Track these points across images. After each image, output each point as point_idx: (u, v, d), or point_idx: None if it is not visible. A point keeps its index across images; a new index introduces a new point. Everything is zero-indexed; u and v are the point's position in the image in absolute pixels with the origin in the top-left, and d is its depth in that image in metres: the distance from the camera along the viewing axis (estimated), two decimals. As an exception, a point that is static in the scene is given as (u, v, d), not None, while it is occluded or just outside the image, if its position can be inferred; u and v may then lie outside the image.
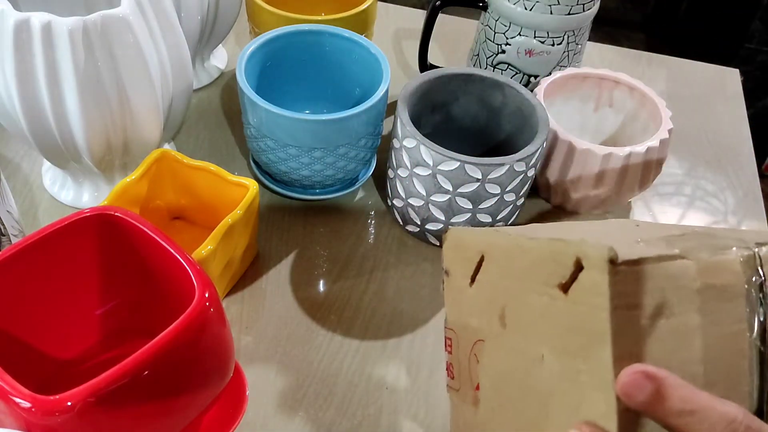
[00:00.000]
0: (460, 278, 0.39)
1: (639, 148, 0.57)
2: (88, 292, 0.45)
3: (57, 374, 0.45)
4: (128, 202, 0.52)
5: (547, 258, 0.31)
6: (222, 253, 0.50)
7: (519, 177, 0.54)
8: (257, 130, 0.57)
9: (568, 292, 0.30)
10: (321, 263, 0.58)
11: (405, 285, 0.57)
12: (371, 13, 0.67)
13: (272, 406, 0.49)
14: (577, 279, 0.29)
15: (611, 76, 0.64)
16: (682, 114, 0.76)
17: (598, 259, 0.28)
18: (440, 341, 0.54)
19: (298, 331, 0.54)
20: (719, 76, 0.84)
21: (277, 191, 0.62)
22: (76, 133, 0.51)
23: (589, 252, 0.28)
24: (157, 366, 0.35)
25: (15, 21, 0.46)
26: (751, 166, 0.72)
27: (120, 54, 0.49)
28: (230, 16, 0.68)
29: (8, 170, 0.63)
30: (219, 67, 0.75)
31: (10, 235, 0.48)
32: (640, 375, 0.27)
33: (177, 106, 0.57)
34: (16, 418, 0.34)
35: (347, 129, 0.56)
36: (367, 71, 0.61)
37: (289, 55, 0.62)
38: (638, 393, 0.27)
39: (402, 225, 0.61)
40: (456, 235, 0.40)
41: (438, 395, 0.51)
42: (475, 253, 0.37)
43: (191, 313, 0.36)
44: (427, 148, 0.53)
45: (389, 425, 0.49)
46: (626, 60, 0.85)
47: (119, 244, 0.43)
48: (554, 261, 0.30)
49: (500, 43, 0.67)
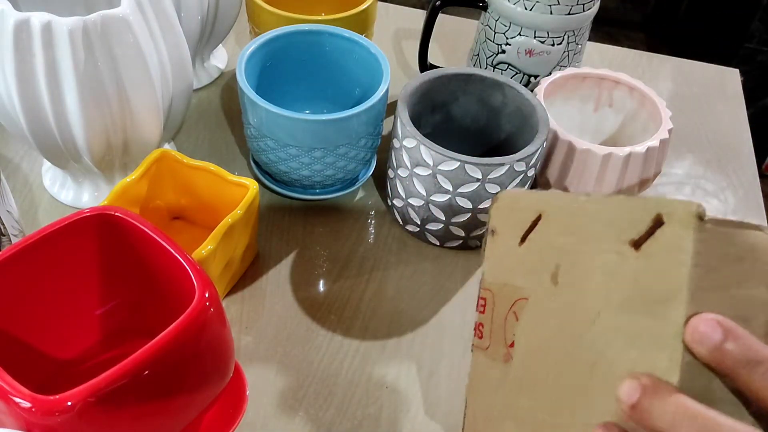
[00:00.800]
0: (508, 237, 0.39)
1: (639, 148, 0.57)
2: (88, 292, 0.45)
3: (57, 374, 0.45)
4: (128, 202, 0.52)
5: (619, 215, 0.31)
6: (222, 253, 0.50)
7: (519, 177, 0.54)
8: (257, 130, 0.57)
9: (641, 248, 0.30)
10: (321, 263, 0.58)
11: (405, 285, 0.57)
12: (371, 13, 0.67)
13: (272, 406, 0.49)
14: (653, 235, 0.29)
15: (611, 76, 0.64)
16: (682, 114, 0.76)
17: (684, 214, 0.28)
18: (441, 340, 0.54)
19: (298, 331, 0.54)
20: (719, 76, 0.84)
21: (277, 191, 0.62)
22: (76, 133, 0.51)
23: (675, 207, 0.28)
24: (157, 366, 0.35)
25: (15, 21, 0.46)
26: (751, 166, 0.72)
27: (120, 54, 0.49)
28: (230, 16, 0.68)
29: (8, 170, 0.63)
30: (219, 67, 0.75)
31: (10, 235, 0.48)
32: (713, 321, 0.27)
33: (177, 106, 0.57)
34: (16, 418, 0.34)
35: (347, 129, 0.56)
36: (367, 71, 0.61)
37: (289, 55, 0.62)
38: (708, 339, 0.27)
39: (402, 225, 0.61)
40: (510, 196, 0.40)
41: (439, 394, 0.51)
42: (531, 212, 0.37)
43: (191, 313, 0.36)
44: (427, 148, 0.53)
45: (389, 425, 0.49)
46: (626, 60, 0.85)
47: (119, 244, 0.43)
48: (628, 217, 0.30)
49: (500, 43, 0.67)
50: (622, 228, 0.30)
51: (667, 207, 0.29)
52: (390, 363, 0.52)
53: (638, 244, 0.30)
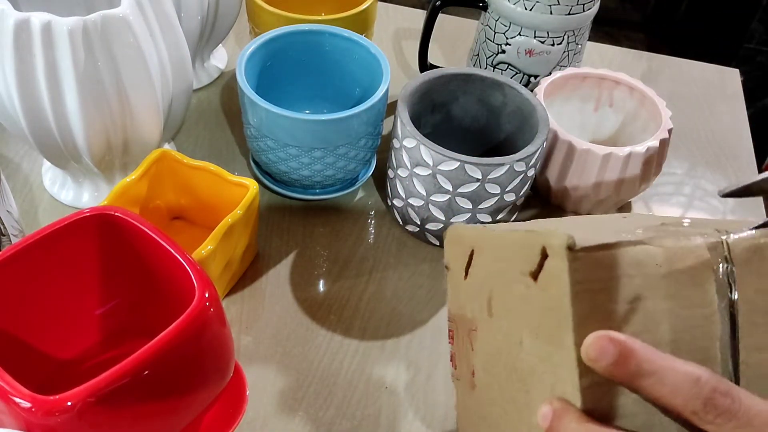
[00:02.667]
0: (457, 272, 0.41)
1: (639, 148, 0.57)
2: (88, 292, 0.45)
3: (57, 374, 0.45)
4: (128, 202, 0.52)
5: (521, 248, 0.33)
6: (222, 253, 0.50)
7: (519, 177, 0.54)
8: (257, 130, 0.57)
9: (538, 280, 0.31)
10: (321, 263, 0.58)
11: (404, 285, 0.57)
12: (371, 13, 0.67)
13: (272, 406, 0.49)
14: (543, 267, 0.31)
15: (611, 76, 0.64)
16: (682, 114, 0.76)
17: (558, 247, 0.29)
18: (439, 341, 0.54)
19: (298, 331, 0.54)
20: (719, 76, 0.84)
21: (277, 191, 0.62)
22: (76, 133, 0.51)
23: (551, 240, 0.30)
24: (157, 366, 0.35)
25: (15, 21, 0.46)
26: (751, 166, 0.72)
27: (120, 54, 0.49)
28: (230, 16, 0.68)
29: (8, 170, 0.63)
30: (219, 67, 0.75)
31: (10, 235, 0.48)
32: (605, 339, 0.28)
33: (177, 106, 0.57)
34: (16, 418, 0.34)
35: (347, 129, 0.56)
36: (367, 71, 0.61)
37: (289, 55, 0.62)
38: (603, 356, 0.28)
39: (402, 225, 0.61)
40: (454, 232, 0.42)
41: (437, 395, 0.51)
42: (468, 247, 0.40)
43: (191, 313, 0.36)
44: (427, 148, 0.53)
45: (389, 425, 0.49)
46: (626, 60, 0.85)
47: (119, 244, 0.43)
48: (526, 250, 0.32)
49: (500, 43, 0.67)
50: (524, 260, 0.32)
51: (547, 239, 0.30)
52: (389, 363, 0.52)
53: (535, 275, 0.31)
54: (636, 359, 0.28)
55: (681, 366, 0.28)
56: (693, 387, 0.28)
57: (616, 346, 0.28)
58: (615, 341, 0.28)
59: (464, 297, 0.41)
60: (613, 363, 0.28)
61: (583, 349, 0.28)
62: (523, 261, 0.32)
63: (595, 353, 0.28)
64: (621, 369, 0.28)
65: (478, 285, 0.39)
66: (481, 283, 0.38)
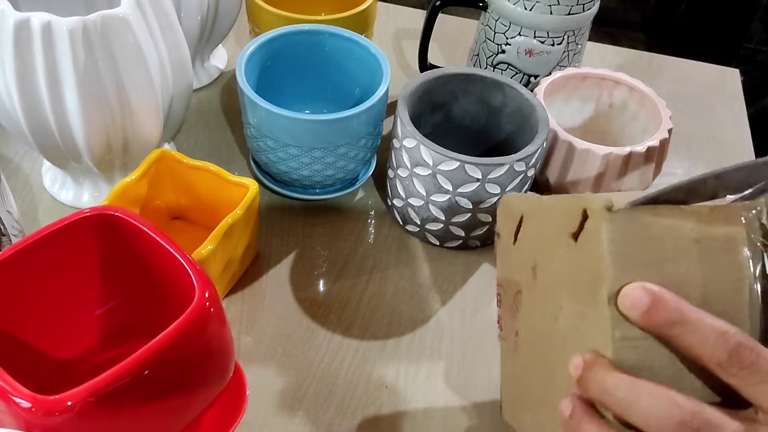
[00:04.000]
0: (506, 238, 0.44)
1: (639, 148, 0.57)
2: (88, 292, 0.45)
3: (57, 374, 0.45)
4: (128, 202, 0.52)
5: (565, 212, 0.34)
6: (222, 253, 0.50)
7: (519, 177, 0.54)
8: (257, 130, 0.57)
9: (578, 240, 0.33)
10: (321, 263, 0.58)
11: (404, 285, 0.57)
12: (371, 13, 0.67)
13: (272, 406, 0.49)
14: (584, 228, 0.33)
15: (611, 76, 0.64)
16: (682, 114, 0.76)
17: (598, 208, 0.31)
18: (439, 341, 0.54)
19: (298, 331, 0.54)
20: (719, 76, 0.84)
21: (277, 191, 0.62)
22: (76, 133, 0.51)
23: (592, 203, 0.32)
24: (157, 366, 0.35)
25: (15, 21, 0.46)
26: (751, 166, 0.72)
27: (120, 54, 0.49)
28: (230, 16, 0.68)
29: (8, 170, 0.63)
30: (219, 67, 0.75)
31: (10, 235, 0.48)
32: (639, 289, 0.30)
33: (177, 106, 0.57)
34: (16, 418, 0.34)
35: (347, 129, 0.56)
36: (367, 71, 0.61)
37: (289, 55, 0.62)
38: (637, 305, 0.30)
39: (402, 225, 0.61)
40: (507, 200, 0.45)
41: (437, 395, 0.51)
42: (517, 214, 0.42)
43: (191, 313, 0.36)
44: (427, 148, 0.53)
45: (389, 425, 0.49)
46: (626, 60, 0.85)
47: (119, 244, 0.43)
48: (570, 214, 0.34)
49: (500, 43, 0.67)
50: (567, 223, 0.34)
51: (588, 202, 0.32)
52: (389, 363, 0.52)
53: (576, 236, 0.33)
54: (668, 309, 0.30)
55: (710, 319, 0.30)
56: (719, 338, 0.29)
57: (649, 295, 0.30)
58: (649, 291, 0.30)
59: (513, 262, 0.43)
60: (647, 311, 0.30)
61: (620, 299, 0.30)
62: (567, 224, 0.34)
63: (630, 302, 0.30)
64: (653, 317, 0.30)
65: (525, 250, 0.41)
66: (529, 248, 0.40)
